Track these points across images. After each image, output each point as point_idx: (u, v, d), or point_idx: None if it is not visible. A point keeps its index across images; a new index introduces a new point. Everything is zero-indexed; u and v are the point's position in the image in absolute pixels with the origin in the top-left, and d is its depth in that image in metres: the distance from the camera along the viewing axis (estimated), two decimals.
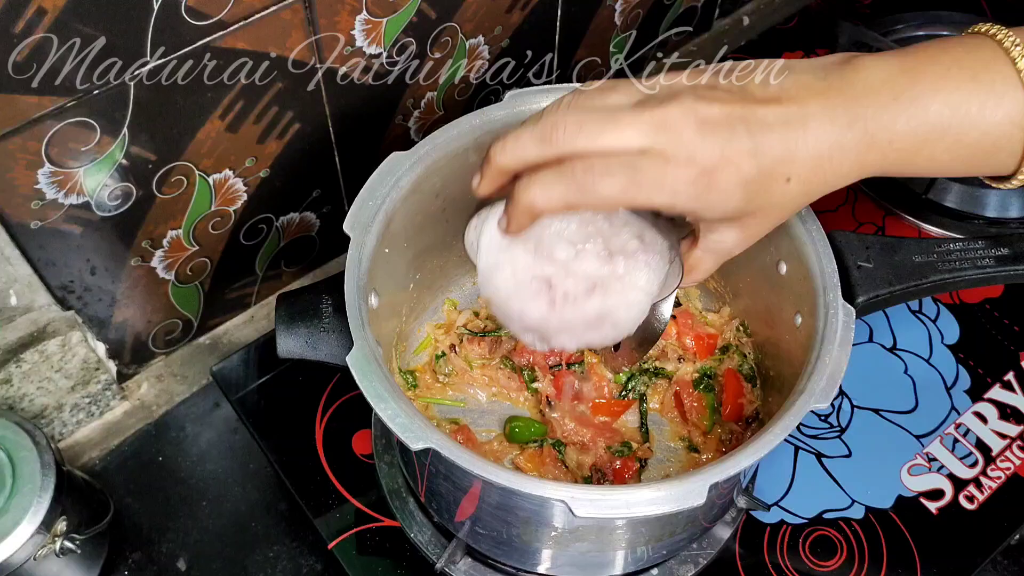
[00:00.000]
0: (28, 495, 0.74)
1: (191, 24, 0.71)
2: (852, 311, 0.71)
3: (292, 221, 0.95)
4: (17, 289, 0.79)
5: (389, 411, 0.65)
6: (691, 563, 0.83)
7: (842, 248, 0.78)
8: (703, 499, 0.62)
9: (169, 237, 0.85)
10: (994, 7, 1.29)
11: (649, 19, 1.14)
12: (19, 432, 0.76)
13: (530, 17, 0.97)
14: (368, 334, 0.68)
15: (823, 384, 0.67)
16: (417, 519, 0.85)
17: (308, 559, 0.87)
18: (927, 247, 0.80)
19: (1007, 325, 1.00)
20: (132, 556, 0.87)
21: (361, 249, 0.72)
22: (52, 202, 0.74)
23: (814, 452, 0.92)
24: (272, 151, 0.86)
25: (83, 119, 0.70)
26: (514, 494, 0.64)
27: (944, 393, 0.95)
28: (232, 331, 1.01)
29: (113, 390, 0.92)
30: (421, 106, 0.95)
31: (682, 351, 0.88)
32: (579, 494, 0.62)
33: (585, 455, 0.83)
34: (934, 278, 0.78)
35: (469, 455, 0.64)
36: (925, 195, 1.07)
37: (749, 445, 0.65)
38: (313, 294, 0.74)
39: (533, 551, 0.76)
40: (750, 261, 0.83)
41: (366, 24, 0.82)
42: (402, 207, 0.77)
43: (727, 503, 0.81)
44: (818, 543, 0.86)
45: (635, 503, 0.62)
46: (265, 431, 0.91)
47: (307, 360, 0.72)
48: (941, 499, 0.89)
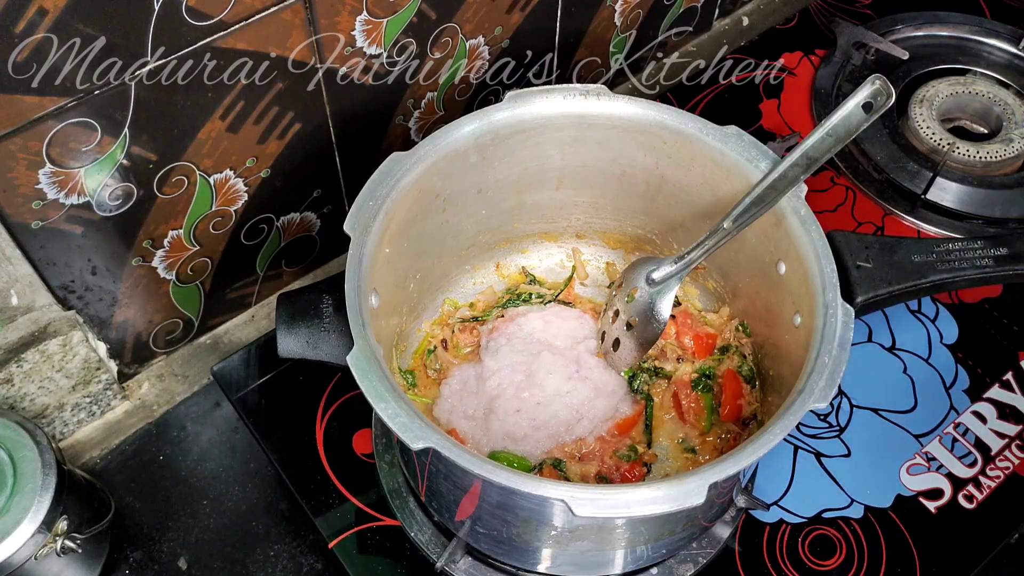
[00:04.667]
0: (29, 495, 0.74)
1: (191, 24, 0.71)
2: (851, 311, 0.71)
3: (293, 221, 0.95)
4: (18, 289, 0.79)
5: (389, 411, 0.65)
6: (691, 562, 0.84)
7: (841, 248, 0.78)
8: (703, 498, 0.62)
9: (170, 237, 0.85)
10: (994, 7, 1.29)
11: (649, 19, 1.14)
12: (20, 432, 0.77)
13: (530, 17, 0.97)
14: (369, 334, 0.68)
15: (822, 384, 0.67)
16: (417, 518, 0.85)
17: (308, 558, 0.87)
18: (926, 247, 0.80)
19: (1006, 325, 1.00)
20: (133, 555, 0.87)
21: (361, 249, 0.72)
22: (53, 202, 0.74)
23: (813, 451, 0.92)
24: (273, 151, 0.86)
25: (84, 119, 0.70)
26: (514, 493, 0.65)
27: (943, 393, 0.95)
28: (233, 331, 1.01)
29: (114, 390, 0.93)
30: (421, 106, 0.96)
31: (681, 351, 0.89)
32: (579, 494, 0.62)
33: (588, 465, 0.83)
34: (933, 278, 0.78)
35: (469, 455, 0.64)
36: (924, 195, 1.07)
37: (748, 445, 0.65)
38: (314, 294, 0.74)
39: (533, 550, 0.76)
40: (750, 261, 0.83)
41: (366, 24, 0.82)
42: (402, 207, 0.77)
43: (727, 502, 0.82)
44: (817, 542, 0.87)
45: (634, 503, 0.62)
46: (266, 430, 0.91)
47: (308, 360, 0.72)
48: (940, 498, 0.89)
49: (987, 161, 1.09)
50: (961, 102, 1.16)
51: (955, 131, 1.14)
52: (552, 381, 0.84)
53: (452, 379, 0.87)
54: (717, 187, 0.82)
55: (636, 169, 0.85)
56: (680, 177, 0.84)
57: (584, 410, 0.84)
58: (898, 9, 1.25)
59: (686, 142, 0.81)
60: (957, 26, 1.23)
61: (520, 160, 0.84)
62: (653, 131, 0.82)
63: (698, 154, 0.81)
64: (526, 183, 0.87)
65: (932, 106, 1.14)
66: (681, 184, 0.84)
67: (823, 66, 1.21)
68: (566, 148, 0.84)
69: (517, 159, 0.84)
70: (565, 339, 0.88)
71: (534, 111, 0.81)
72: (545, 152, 0.84)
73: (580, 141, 0.83)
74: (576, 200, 0.91)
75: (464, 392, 0.86)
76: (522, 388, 0.83)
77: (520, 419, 0.82)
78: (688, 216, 0.86)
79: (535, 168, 0.86)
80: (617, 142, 0.83)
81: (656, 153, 0.83)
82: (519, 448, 0.82)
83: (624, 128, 0.82)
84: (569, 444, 0.83)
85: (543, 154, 0.84)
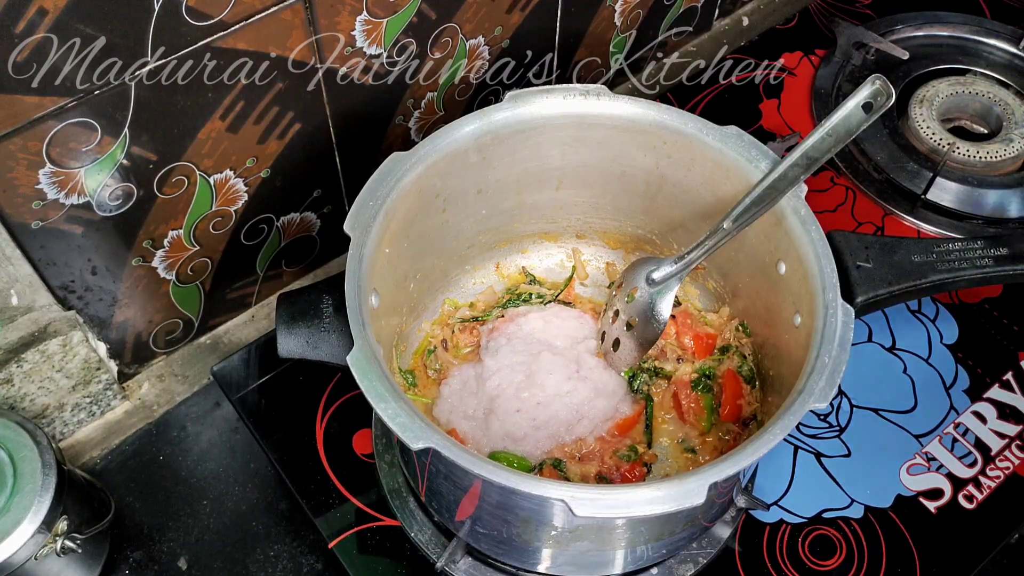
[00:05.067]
0: (29, 495, 0.74)
1: (191, 24, 0.71)
2: (851, 311, 0.71)
3: (293, 221, 0.95)
4: (18, 289, 0.79)
5: (389, 411, 0.65)
6: (691, 562, 0.84)
7: (841, 248, 0.78)
8: (703, 499, 0.62)
9: (170, 237, 0.85)
10: (993, 7, 1.29)
11: (649, 19, 1.14)
12: (20, 432, 0.77)
13: (530, 17, 0.97)
14: (369, 334, 0.68)
15: (822, 384, 0.67)
16: (417, 518, 0.85)
17: (309, 558, 0.87)
18: (926, 247, 0.80)
19: (1006, 325, 1.00)
20: (133, 555, 0.87)
21: (361, 249, 0.72)
22: (53, 202, 0.74)
23: (813, 452, 0.92)
24: (273, 151, 0.86)
25: (84, 119, 0.70)
26: (514, 493, 0.65)
27: (943, 393, 0.95)
28: (233, 331, 1.01)
29: (114, 390, 0.93)
30: (421, 106, 0.96)
31: (681, 351, 0.89)
32: (579, 494, 0.62)
33: (588, 465, 0.83)
34: (933, 278, 0.78)
35: (469, 455, 0.64)
36: (924, 195, 1.07)
37: (748, 445, 0.65)
38: (314, 294, 0.74)
39: (533, 550, 0.76)
40: (750, 261, 0.83)
41: (366, 24, 0.82)
42: (403, 207, 0.77)
43: (727, 502, 0.82)
44: (817, 542, 0.87)
45: (634, 503, 0.62)
46: (266, 431, 0.91)
47: (307, 360, 0.72)
48: (940, 498, 0.89)
49: (987, 161, 1.09)
50: (961, 102, 1.16)
51: (955, 131, 1.14)
52: (552, 381, 0.84)
53: (452, 379, 0.87)
54: (717, 187, 0.82)
55: (636, 169, 0.85)
56: (680, 177, 0.84)
57: (584, 410, 0.84)
58: (898, 9, 1.25)
59: (686, 142, 0.81)
60: (957, 26, 1.23)
61: (520, 160, 0.84)
62: (653, 131, 0.82)
63: (698, 154, 0.81)
64: (526, 183, 0.87)
65: (932, 106, 1.14)
66: (681, 184, 0.84)
67: (823, 66, 1.21)
68: (566, 148, 0.84)
69: (517, 159, 0.84)
70: (565, 339, 0.88)
71: (534, 111, 0.81)
72: (545, 152, 0.84)
73: (580, 141, 0.83)
74: (576, 200, 0.91)
75: (464, 392, 0.86)
76: (522, 388, 0.83)
77: (520, 419, 0.82)
78: (688, 216, 0.86)
79: (535, 168, 0.86)
80: (617, 142, 0.83)
81: (656, 153, 0.83)
82: (519, 448, 0.82)
83: (624, 128, 0.82)
84: (569, 444, 0.83)
85: (543, 154, 0.84)
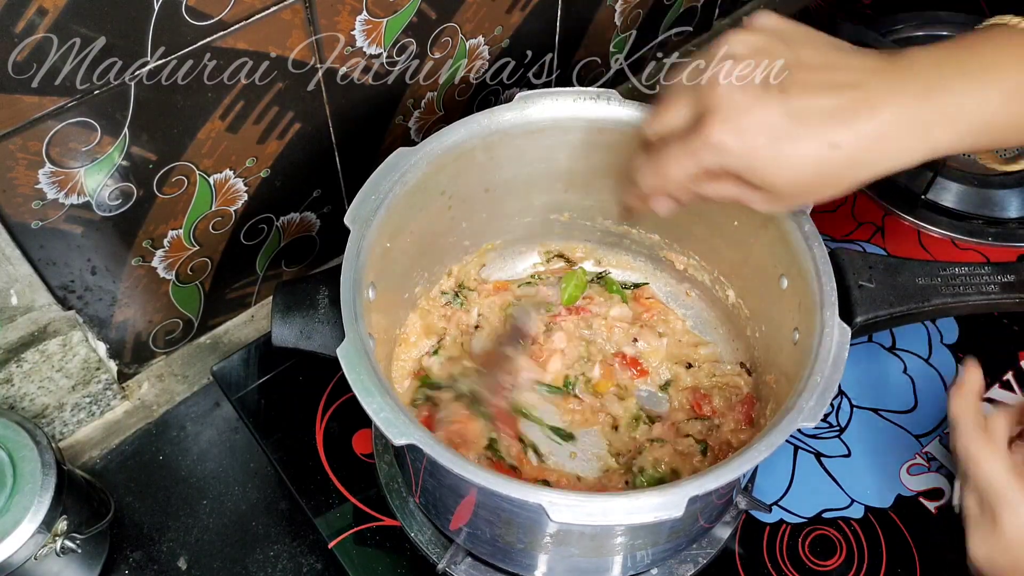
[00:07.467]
0: (29, 494, 0.74)
1: (191, 24, 0.71)
2: (848, 331, 0.70)
3: (292, 221, 0.95)
4: (18, 289, 0.79)
5: (374, 405, 0.65)
6: (691, 563, 0.84)
7: (844, 266, 0.77)
8: (681, 511, 0.61)
9: (170, 237, 0.85)
10: (993, 7, 1.29)
11: (649, 19, 1.14)
12: (20, 432, 0.77)
13: (530, 17, 0.97)
14: (361, 327, 0.68)
15: (812, 403, 0.66)
16: (417, 518, 0.85)
17: (308, 558, 0.87)
18: (932, 270, 0.78)
19: (1006, 325, 1.00)
20: (133, 555, 0.87)
21: (360, 242, 0.73)
22: (53, 202, 0.74)
23: (813, 452, 0.92)
24: (272, 151, 0.86)
25: (83, 119, 0.70)
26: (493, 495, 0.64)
27: (943, 393, 0.95)
28: (233, 331, 1.01)
29: (114, 390, 0.93)
30: (421, 106, 0.96)
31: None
32: (557, 499, 0.61)
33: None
34: (936, 301, 0.77)
35: (450, 453, 0.63)
36: (925, 195, 1.07)
37: (733, 460, 0.65)
38: (311, 284, 0.74)
39: (524, 553, 0.76)
40: (755, 274, 0.83)
41: (366, 24, 0.82)
42: (405, 202, 0.77)
43: (726, 503, 0.82)
44: (817, 543, 0.87)
45: (612, 511, 0.62)
46: (265, 430, 0.91)
47: (300, 350, 0.72)
48: (941, 498, 0.89)
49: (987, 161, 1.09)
50: None
51: None
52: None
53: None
54: None
55: None
56: None
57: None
58: (898, 9, 1.25)
59: None
60: (957, 26, 1.23)
61: (528, 161, 0.84)
62: None
63: None
64: (534, 184, 0.87)
65: None
66: None
67: None
68: (575, 151, 0.84)
69: (525, 160, 0.84)
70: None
71: (544, 113, 0.81)
72: (554, 154, 0.84)
73: (590, 144, 0.83)
74: (584, 203, 0.91)
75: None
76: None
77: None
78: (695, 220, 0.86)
79: (543, 169, 0.86)
80: (627, 147, 0.83)
81: None
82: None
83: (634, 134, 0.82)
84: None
85: (551, 156, 0.84)
